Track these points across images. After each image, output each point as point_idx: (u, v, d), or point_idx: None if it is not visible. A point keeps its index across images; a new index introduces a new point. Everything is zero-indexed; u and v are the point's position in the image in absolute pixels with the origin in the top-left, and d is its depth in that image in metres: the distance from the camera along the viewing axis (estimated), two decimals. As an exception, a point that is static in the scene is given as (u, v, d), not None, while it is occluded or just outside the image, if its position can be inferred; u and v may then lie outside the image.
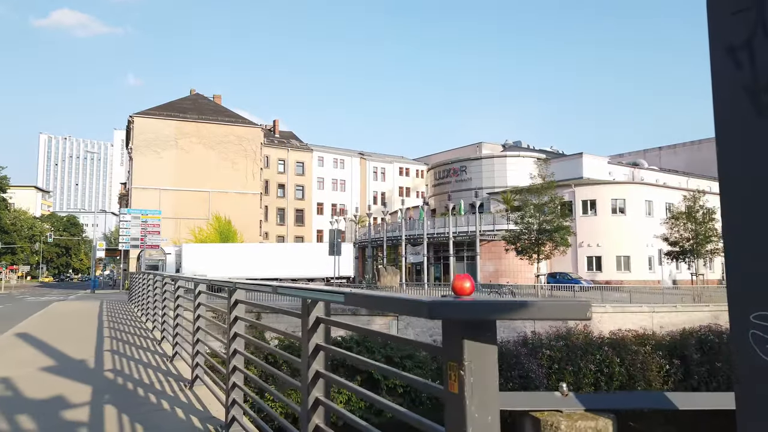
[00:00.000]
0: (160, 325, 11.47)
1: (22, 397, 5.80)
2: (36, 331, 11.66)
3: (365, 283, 45.95)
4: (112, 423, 4.78)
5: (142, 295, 18.20)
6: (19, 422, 4.79)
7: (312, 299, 2.89)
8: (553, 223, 30.35)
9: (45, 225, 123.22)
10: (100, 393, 5.95)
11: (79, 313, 17.30)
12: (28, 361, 8.15)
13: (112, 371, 7.31)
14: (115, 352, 9.01)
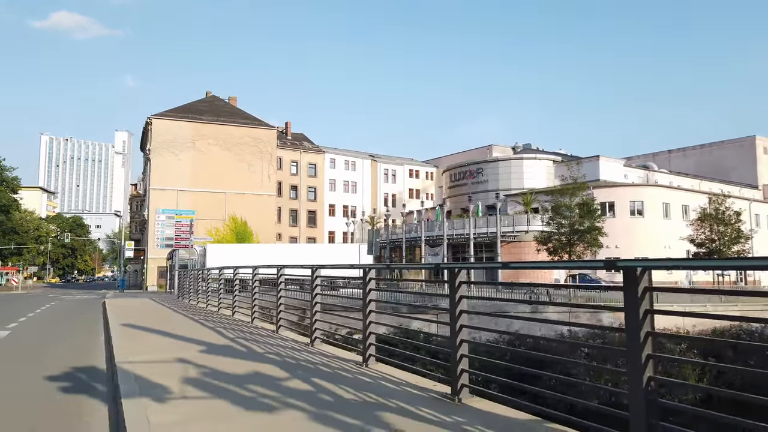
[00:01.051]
0: (250, 310, 12.26)
1: (227, 373, 6.33)
2: (138, 322, 12.17)
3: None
4: (341, 393, 5.31)
5: (204, 290, 18.75)
6: (260, 394, 5.33)
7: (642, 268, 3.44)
8: (584, 224, 30.90)
9: (51, 226, 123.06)
10: (284, 368, 6.47)
11: (147, 306, 17.80)
12: (176, 345, 8.67)
13: (260, 350, 7.80)
14: (232, 337, 9.50)
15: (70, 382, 6.64)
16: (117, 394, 5.59)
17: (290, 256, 39.37)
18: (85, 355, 8.89)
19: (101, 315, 17.11)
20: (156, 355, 7.66)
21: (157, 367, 6.78)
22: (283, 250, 42.53)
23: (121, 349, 8.22)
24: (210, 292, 19.13)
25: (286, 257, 39.21)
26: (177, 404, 4.99)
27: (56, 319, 15.77)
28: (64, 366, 7.73)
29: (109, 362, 7.91)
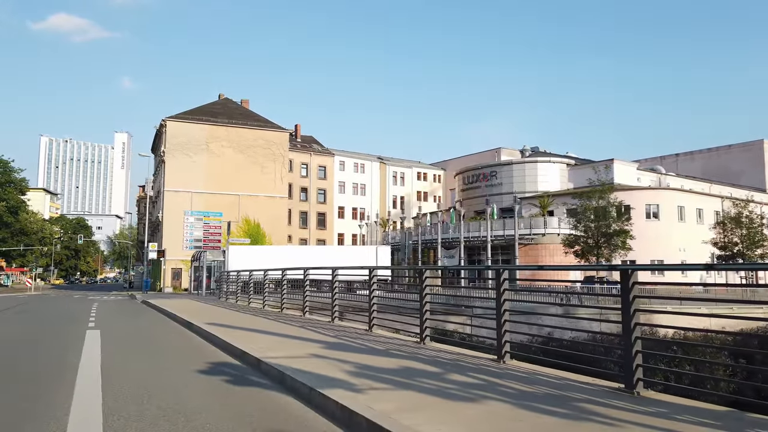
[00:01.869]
0: (331, 309, 12.61)
1: (379, 367, 6.70)
2: (221, 322, 12.51)
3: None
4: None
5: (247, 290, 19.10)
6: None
7: None
8: (610, 227, 31.31)
9: (54, 227, 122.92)
10: (429, 363, 6.83)
11: (202, 307, 18.12)
12: (288, 343, 9.03)
13: (377, 347, 8.14)
14: (325, 333, 9.84)
15: (227, 377, 6.97)
16: (299, 386, 5.96)
17: (312, 258, 39.64)
18: (206, 352, 9.21)
19: (160, 314, 17.41)
20: (288, 352, 8.00)
21: (306, 362, 7.13)
22: (303, 252, 42.87)
23: (247, 346, 8.57)
24: (254, 292, 19.56)
25: (308, 259, 39.47)
26: (377, 395, 5.34)
27: (125, 319, 16.06)
28: (201, 362, 8.06)
29: (241, 358, 8.24)
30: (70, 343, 10.34)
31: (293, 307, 16.05)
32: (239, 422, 4.90)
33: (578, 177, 52.86)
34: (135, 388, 6.23)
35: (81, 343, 10.06)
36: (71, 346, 9.94)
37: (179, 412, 5.19)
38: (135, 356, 8.83)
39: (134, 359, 8.43)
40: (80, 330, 12.43)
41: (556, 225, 45.07)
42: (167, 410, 5.27)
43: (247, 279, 19.62)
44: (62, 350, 9.49)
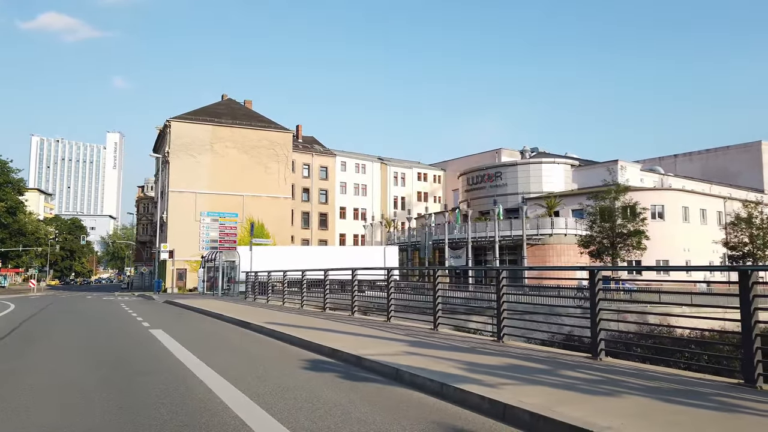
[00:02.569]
0: (387, 309, 12.83)
1: (487, 365, 6.97)
2: (279, 321, 12.72)
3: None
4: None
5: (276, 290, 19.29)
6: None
7: None
8: (624, 227, 31.74)
9: (49, 228, 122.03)
10: (533, 361, 7.10)
11: (240, 307, 18.27)
12: (368, 341, 9.27)
13: (459, 345, 8.40)
14: (396, 331, 10.08)
15: (334, 372, 7.17)
16: (424, 382, 6.20)
17: (328, 258, 39.84)
18: (289, 350, 9.40)
19: (202, 315, 17.52)
20: (378, 350, 8.23)
21: (407, 359, 7.38)
22: (320, 252, 43.14)
23: (333, 344, 8.80)
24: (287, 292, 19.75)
25: (324, 259, 39.67)
26: (513, 389, 5.58)
27: (173, 319, 16.17)
28: (294, 359, 8.25)
29: (332, 355, 8.45)
30: (149, 343, 10.52)
31: (332, 307, 16.29)
32: (391, 415, 5.13)
33: (582, 178, 53.41)
34: (260, 383, 6.43)
35: (159, 344, 10.25)
36: (153, 345, 10.12)
37: (329, 405, 5.41)
38: (226, 355, 8.98)
39: (228, 358, 8.59)
40: (143, 331, 12.60)
41: (563, 225, 45.53)
42: (314, 402, 5.49)
43: (282, 279, 19.78)
44: (150, 348, 9.67)
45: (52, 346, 10.29)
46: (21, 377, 6.98)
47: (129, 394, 5.97)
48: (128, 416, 5.07)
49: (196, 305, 20.12)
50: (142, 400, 5.69)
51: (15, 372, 7.37)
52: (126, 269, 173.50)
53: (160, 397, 5.80)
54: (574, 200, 48.48)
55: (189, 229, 56.56)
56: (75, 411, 5.30)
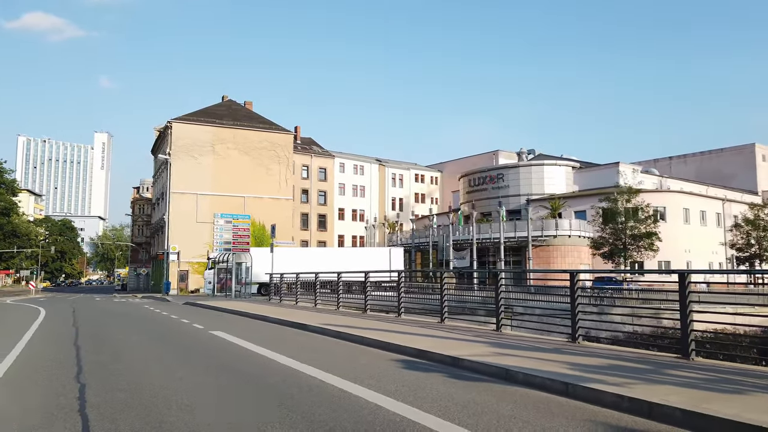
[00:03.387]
0: (440, 310, 13.06)
1: (584, 365, 7.24)
2: (333, 322, 12.90)
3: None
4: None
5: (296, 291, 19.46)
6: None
7: None
8: (636, 229, 32.23)
9: (39, 229, 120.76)
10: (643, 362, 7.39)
11: (280, 309, 18.40)
12: (444, 342, 9.49)
13: (527, 344, 8.67)
14: (458, 332, 10.33)
15: (438, 372, 7.38)
16: (543, 382, 6.44)
17: (340, 259, 40.04)
18: (370, 351, 9.56)
19: (241, 317, 17.62)
20: (466, 351, 8.46)
21: (504, 359, 7.63)
22: (328, 254, 43.29)
23: (415, 345, 9.02)
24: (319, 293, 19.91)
25: (336, 260, 39.81)
26: (643, 388, 5.84)
27: (222, 321, 16.21)
28: (384, 359, 8.42)
29: (420, 356, 8.66)
30: (226, 345, 10.66)
31: (372, 308, 16.48)
32: (539, 414, 5.35)
33: (584, 179, 54.04)
34: (380, 382, 6.62)
35: (236, 346, 10.40)
36: (231, 347, 10.27)
37: (474, 403, 5.62)
38: (316, 355, 9.05)
39: (321, 358, 8.69)
40: (202, 332, 12.71)
41: (567, 227, 46.02)
42: (457, 401, 5.70)
43: (314, 280, 19.92)
44: (233, 350, 9.81)
45: (134, 350, 10.36)
46: (147, 378, 7.09)
47: (274, 397, 6.11)
48: (297, 416, 5.23)
49: (226, 306, 20.23)
50: (292, 403, 5.85)
51: (142, 375, 7.47)
52: (116, 271, 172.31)
53: (310, 402, 5.96)
54: (577, 202, 49.07)
55: (191, 230, 56.43)
56: (248, 414, 5.42)
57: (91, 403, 5.71)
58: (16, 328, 14.08)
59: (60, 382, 6.88)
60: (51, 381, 6.99)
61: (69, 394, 6.16)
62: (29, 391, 6.49)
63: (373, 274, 15.14)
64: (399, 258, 45.61)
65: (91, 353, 9.44)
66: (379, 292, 18.59)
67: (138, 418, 5.09)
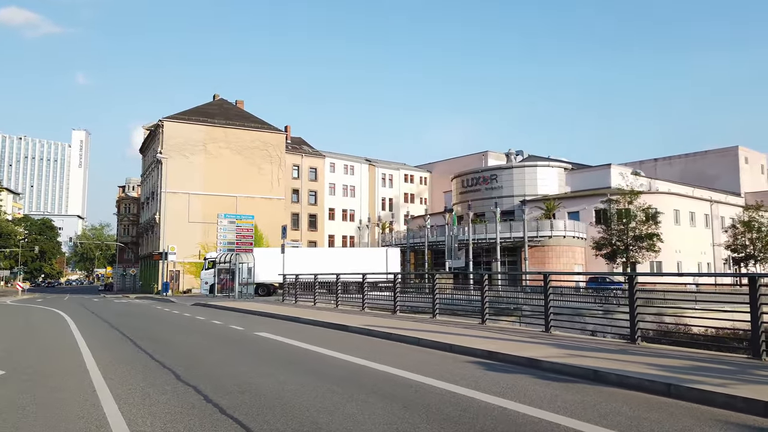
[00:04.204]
0: (482, 313, 13.22)
1: (672, 366, 7.44)
2: (371, 324, 12.98)
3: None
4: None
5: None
6: None
7: None
8: (636, 230, 32.78)
9: (18, 228, 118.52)
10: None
11: (303, 310, 18.39)
12: (508, 345, 9.65)
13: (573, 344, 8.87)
14: (502, 334, 10.50)
15: (524, 374, 7.53)
16: (650, 385, 6.62)
17: (339, 260, 39.97)
18: (432, 353, 9.59)
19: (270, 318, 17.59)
20: (535, 353, 8.63)
21: (582, 360, 7.80)
22: (327, 255, 43.23)
23: (483, 346, 9.16)
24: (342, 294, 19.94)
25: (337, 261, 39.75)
26: (754, 388, 6.06)
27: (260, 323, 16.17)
28: (452, 362, 8.53)
29: (490, 356, 8.79)
30: (286, 347, 10.66)
31: (402, 309, 16.58)
32: (662, 414, 5.51)
33: (576, 181, 54.74)
34: (476, 383, 6.74)
35: (297, 347, 10.42)
36: (290, 348, 10.29)
37: (593, 406, 5.76)
38: (383, 357, 9.15)
39: (391, 360, 8.75)
40: (247, 333, 12.69)
41: (562, 227, 46.63)
42: (567, 402, 5.85)
43: (335, 281, 19.96)
44: (296, 353, 9.82)
45: (202, 351, 10.28)
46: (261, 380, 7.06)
47: (398, 401, 6.16)
48: (419, 417, 5.30)
49: (242, 307, 20.19)
50: (418, 406, 5.92)
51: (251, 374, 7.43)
52: (95, 271, 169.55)
53: (436, 404, 6.03)
54: (571, 203, 49.71)
55: (183, 230, 56.01)
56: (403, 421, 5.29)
57: (227, 405, 5.68)
58: (58, 333, 13.76)
59: (163, 380, 6.88)
60: (155, 380, 6.88)
61: (192, 396, 6.11)
62: (148, 392, 6.36)
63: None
64: (396, 258, 45.71)
65: (165, 357, 9.23)
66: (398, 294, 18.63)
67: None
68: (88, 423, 5.04)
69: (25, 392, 6.38)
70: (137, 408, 5.56)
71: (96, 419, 5.14)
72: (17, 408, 5.61)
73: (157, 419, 5.13)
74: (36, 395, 6.20)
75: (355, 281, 23.84)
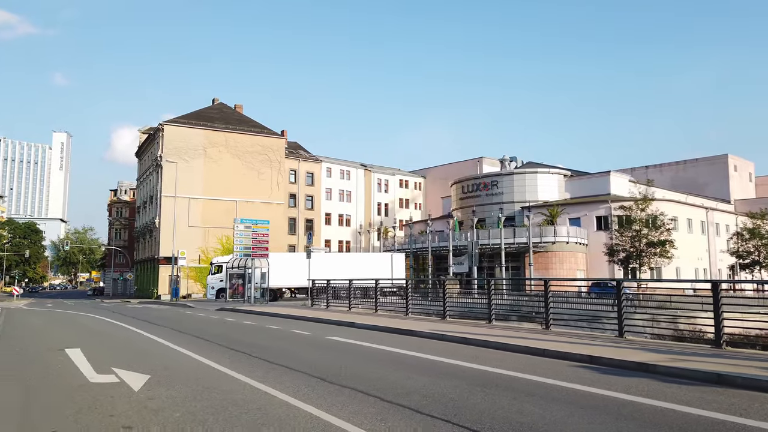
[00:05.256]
0: (545, 317, 13.53)
1: None
2: (439, 329, 13.23)
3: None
4: None
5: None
6: None
7: None
8: (648, 236, 33.51)
9: (2, 232, 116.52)
10: None
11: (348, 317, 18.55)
12: (605, 350, 9.98)
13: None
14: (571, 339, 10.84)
15: (646, 378, 7.86)
16: (762, 386, 6.98)
17: (347, 265, 40.16)
18: (518, 358, 9.90)
19: (321, 324, 17.73)
20: (638, 357, 8.96)
21: (687, 363, 8.16)
22: (334, 259, 43.28)
23: (583, 351, 9.48)
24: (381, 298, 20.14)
25: (345, 266, 39.92)
26: None
27: (323, 330, 16.20)
28: (556, 367, 8.81)
29: (592, 362, 9.11)
30: (377, 352, 10.84)
31: (452, 314, 16.85)
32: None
33: (575, 188, 55.58)
34: (607, 386, 7.04)
35: (387, 351, 10.62)
36: (379, 352, 10.48)
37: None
38: (490, 361, 9.42)
39: (499, 364, 9.02)
40: (323, 338, 12.84)
41: (565, 233, 47.33)
42: (722, 404, 6.18)
43: (374, 287, 20.17)
44: (397, 356, 10.02)
45: (297, 353, 10.34)
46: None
47: (562, 405, 6.42)
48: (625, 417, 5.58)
49: (280, 312, 20.26)
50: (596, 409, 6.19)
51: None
52: (79, 275, 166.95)
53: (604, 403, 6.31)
54: (572, 209, 50.46)
55: (182, 234, 55.62)
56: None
57: (417, 406, 5.87)
58: (143, 338, 13.33)
59: (320, 384, 6.99)
60: (315, 384, 6.92)
61: (370, 399, 6.25)
62: (337, 400, 6.45)
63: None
64: (400, 263, 46.02)
65: (289, 362, 9.24)
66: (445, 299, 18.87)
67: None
68: (296, 422, 5.16)
69: (195, 399, 6.30)
70: (343, 412, 5.68)
71: (321, 426, 5.19)
72: (198, 422, 5.35)
73: (365, 419, 5.30)
74: (208, 401, 6.24)
75: (371, 286, 24.30)
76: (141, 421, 5.24)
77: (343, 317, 17.93)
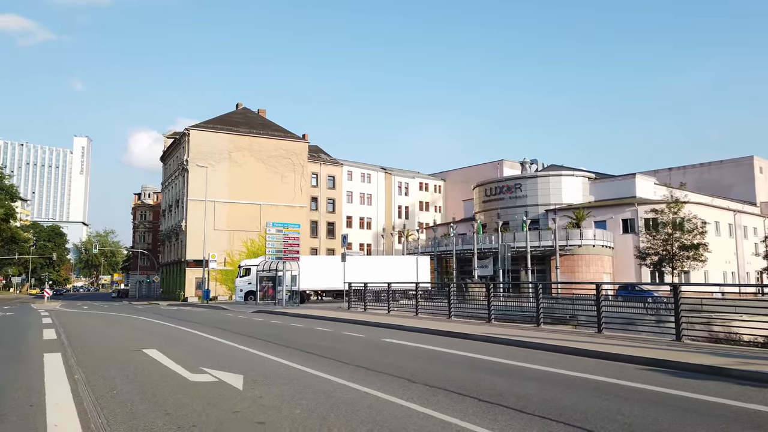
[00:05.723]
0: (598, 322, 13.70)
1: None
2: (492, 332, 13.47)
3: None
4: None
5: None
6: None
7: None
8: (682, 239, 33.39)
9: (27, 235, 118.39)
10: None
11: (396, 320, 18.83)
12: (673, 354, 10.15)
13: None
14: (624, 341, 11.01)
15: (713, 380, 8.04)
16: None
17: (371, 268, 40.55)
18: (588, 362, 10.09)
19: (372, 327, 18.03)
20: (705, 360, 9.14)
21: (749, 366, 8.32)
22: (362, 262, 43.61)
23: (647, 354, 9.68)
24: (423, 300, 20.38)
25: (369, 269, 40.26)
26: None
27: (383, 334, 16.47)
28: (633, 369, 9.02)
29: (656, 365, 9.30)
30: (444, 356, 11.10)
31: (497, 318, 17.06)
32: None
33: (599, 190, 55.43)
34: (673, 388, 7.24)
35: (459, 355, 10.89)
36: (449, 356, 10.75)
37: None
38: (556, 364, 9.64)
39: (567, 367, 9.23)
40: (380, 341, 13.13)
41: (591, 236, 47.24)
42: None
43: (414, 289, 20.45)
44: (471, 359, 10.28)
45: (374, 356, 10.59)
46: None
47: (662, 410, 6.64)
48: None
49: (321, 315, 20.59)
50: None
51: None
52: (101, 277, 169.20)
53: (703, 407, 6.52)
54: (597, 212, 50.35)
55: (208, 237, 56.29)
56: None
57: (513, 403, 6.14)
58: (215, 342, 13.55)
59: (408, 386, 7.25)
60: (384, 382, 7.26)
61: (467, 401, 6.52)
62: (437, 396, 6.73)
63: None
64: (425, 266, 46.26)
65: (373, 365, 9.58)
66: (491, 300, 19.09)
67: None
68: (411, 420, 5.44)
69: (303, 397, 6.51)
70: (451, 411, 5.94)
71: (440, 424, 5.39)
72: (319, 418, 5.60)
73: (477, 418, 5.57)
74: (315, 399, 6.50)
75: (407, 289, 24.64)
76: (267, 417, 5.55)
77: (385, 320, 18.23)
